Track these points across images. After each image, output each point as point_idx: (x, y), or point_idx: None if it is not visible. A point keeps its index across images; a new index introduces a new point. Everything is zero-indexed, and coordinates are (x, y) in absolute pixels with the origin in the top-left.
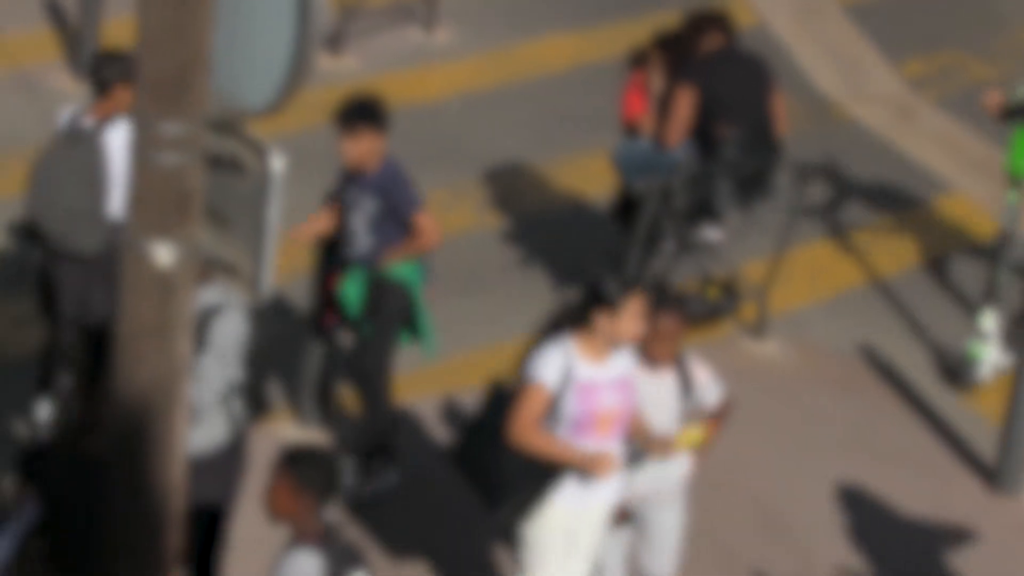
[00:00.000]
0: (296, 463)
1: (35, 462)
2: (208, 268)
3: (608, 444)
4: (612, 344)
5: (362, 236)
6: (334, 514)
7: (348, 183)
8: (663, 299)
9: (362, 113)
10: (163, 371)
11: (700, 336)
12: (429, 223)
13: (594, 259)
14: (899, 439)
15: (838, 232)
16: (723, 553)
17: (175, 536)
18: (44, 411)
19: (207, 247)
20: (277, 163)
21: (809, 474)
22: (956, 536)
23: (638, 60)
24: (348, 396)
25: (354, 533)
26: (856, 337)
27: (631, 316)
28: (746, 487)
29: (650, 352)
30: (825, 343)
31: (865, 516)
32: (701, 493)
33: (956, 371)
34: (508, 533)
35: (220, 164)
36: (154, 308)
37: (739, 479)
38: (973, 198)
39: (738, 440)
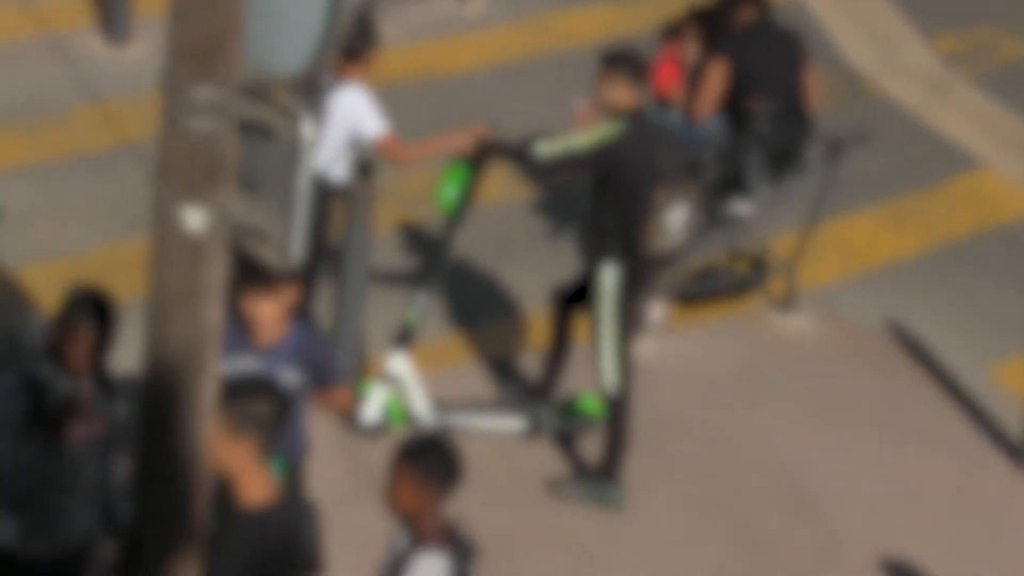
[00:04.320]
0: (417, 455)
1: None
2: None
3: None
4: None
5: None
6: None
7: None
8: None
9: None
10: (192, 337)
11: (729, 310)
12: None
13: None
14: (927, 416)
15: (869, 208)
16: (746, 527)
17: (203, 499)
18: None
19: (238, 213)
20: (308, 130)
21: (835, 450)
22: (982, 514)
23: (672, 32)
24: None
25: None
26: (885, 313)
27: None
28: (771, 462)
29: None
30: (854, 319)
31: (890, 493)
32: (726, 467)
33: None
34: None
35: (251, 130)
36: (184, 274)
37: (764, 454)
38: (1005, 175)
39: (764, 415)
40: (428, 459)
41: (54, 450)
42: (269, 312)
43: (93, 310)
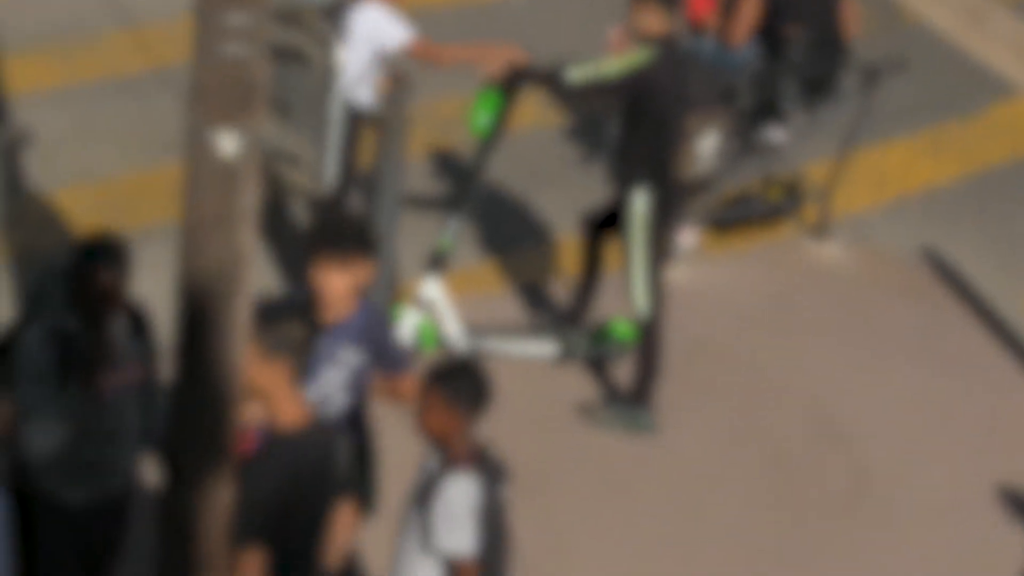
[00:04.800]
0: (447, 378)
1: None
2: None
3: None
4: None
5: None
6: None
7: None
8: None
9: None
10: (226, 261)
11: (762, 238)
12: None
13: None
14: (961, 346)
15: (905, 135)
16: (776, 455)
17: (236, 420)
18: None
19: (270, 138)
20: (341, 55)
21: (867, 378)
22: (1016, 443)
23: None
24: None
25: None
26: (920, 241)
27: None
28: (803, 391)
29: None
30: (888, 247)
31: (923, 423)
32: (757, 394)
33: None
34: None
35: (284, 56)
36: (217, 198)
37: (796, 382)
38: None
39: (797, 343)
40: (457, 382)
41: (89, 401)
42: (340, 286)
43: (105, 259)
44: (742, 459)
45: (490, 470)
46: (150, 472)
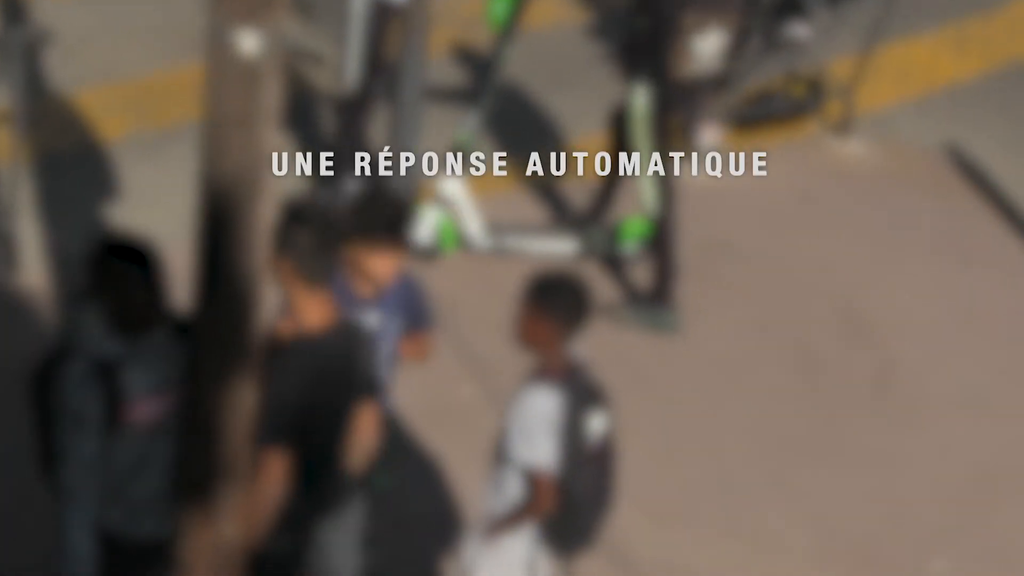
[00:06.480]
0: (546, 293)
1: None
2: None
3: None
4: None
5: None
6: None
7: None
8: None
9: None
10: (248, 160)
11: (785, 135)
12: None
13: None
14: (985, 240)
15: (929, 30)
16: (801, 351)
17: (257, 323)
18: None
19: (293, 37)
20: None
21: (892, 274)
22: None
23: None
24: None
25: None
26: (944, 137)
27: None
28: (829, 287)
29: None
30: (912, 143)
31: (948, 317)
32: (782, 291)
33: None
34: None
35: None
36: (239, 98)
37: (821, 279)
38: None
39: (821, 240)
40: (557, 296)
41: (137, 435)
42: (396, 267)
43: (137, 267)
44: (767, 355)
45: (581, 390)
46: None
